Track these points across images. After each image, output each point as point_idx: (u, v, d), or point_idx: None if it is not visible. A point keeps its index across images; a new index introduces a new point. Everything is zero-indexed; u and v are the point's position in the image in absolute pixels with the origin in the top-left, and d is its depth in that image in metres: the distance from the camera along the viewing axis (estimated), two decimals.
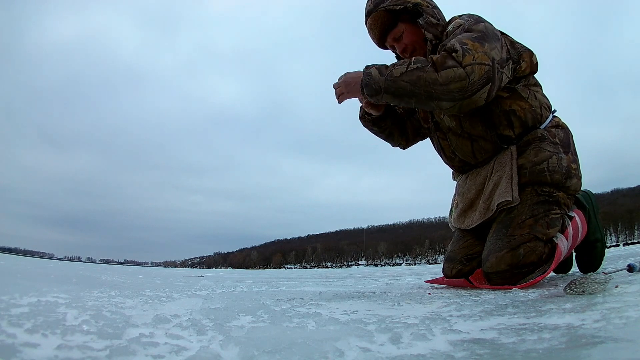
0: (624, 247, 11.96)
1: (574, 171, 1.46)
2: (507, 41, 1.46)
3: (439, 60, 1.28)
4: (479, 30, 1.34)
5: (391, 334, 0.60)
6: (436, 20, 1.49)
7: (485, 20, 1.42)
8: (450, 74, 1.26)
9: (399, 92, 1.32)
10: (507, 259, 1.37)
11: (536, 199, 1.41)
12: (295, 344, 0.54)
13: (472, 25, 1.37)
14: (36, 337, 0.56)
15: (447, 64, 1.27)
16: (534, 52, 1.50)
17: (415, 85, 1.30)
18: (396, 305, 1.04)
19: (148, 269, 11.24)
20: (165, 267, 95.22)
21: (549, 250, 1.38)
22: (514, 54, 1.45)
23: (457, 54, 1.27)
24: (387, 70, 1.34)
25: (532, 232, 1.38)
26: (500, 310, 0.84)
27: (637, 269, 1.27)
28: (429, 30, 1.48)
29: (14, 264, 3.75)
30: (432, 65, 1.28)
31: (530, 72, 1.49)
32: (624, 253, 3.57)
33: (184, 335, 0.63)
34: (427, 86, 1.29)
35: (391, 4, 1.47)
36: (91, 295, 1.20)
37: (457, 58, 1.27)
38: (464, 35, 1.33)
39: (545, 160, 1.42)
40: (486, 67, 1.27)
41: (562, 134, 1.48)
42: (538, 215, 1.39)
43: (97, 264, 43.34)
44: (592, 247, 1.62)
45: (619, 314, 0.64)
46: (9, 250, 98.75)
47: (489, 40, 1.32)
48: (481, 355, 0.49)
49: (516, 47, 1.47)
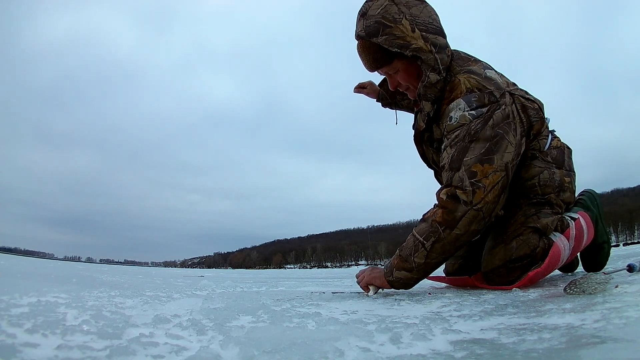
0: (624, 247, 11.96)
1: (567, 184, 1.46)
2: (520, 107, 1.35)
3: (448, 219, 1.26)
4: (486, 139, 1.26)
5: (391, 334, 0.60)
6: (437, 76, 1.34)
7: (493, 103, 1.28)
8: (467, 222, 1.25)
9: (435, 267, 1.33)
10: (500, 254, 1.37)
11: (528, 201, 1.42)
12: (295, 344, 0.54)
13: (479, 131, 1.26)
14: (36, 337, 0.56)
15: (458, 215, 1.25)
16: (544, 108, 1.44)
17: (445, 253, 1.30)
18: (396, 305, 1.04)
19: (148, 269, 11.23)
20: (165, 267, 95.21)
21: (545, 245, 1.37)
22: (526, 125, 1.37)
23: (465, 193, 1.25)
24: (409, 263, 1.30)
25: (523, 225, 1.38)
26: (500, 310, 0.84)
27: (637, 269, 1.27)
28: (427, 93, 1.37)
29: (14, 264, 3.75)
30: (445, 227, 1.26)
31: None
32: (624, 253, 3.57)
33: (184, 335, 0.63)
34: (453, 246, 1.29)
35: (386, 43, 1.29)
36: (91, 295, 1.20)
37: (467, 200, 1.25)
38: (471, 159, 1.26)
39: (536, 175, 1.42)
40: (501, 178, 1.27)
41: (555, 153, 1.48)
42: (529, 214, 1.40)
43: (97, 264, 43.36)
44: (600, 249, 1.63)
45: (619, 314, 0.64)
46: (9, 250, 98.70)
47: (499, 147, 1.26)
48: (481, 355, 0.49)
49: (528, 113, 1.38)
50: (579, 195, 1.76)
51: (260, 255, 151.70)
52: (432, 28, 1.33)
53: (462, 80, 1.33)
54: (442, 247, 1.28)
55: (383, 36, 1.28)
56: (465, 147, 1.28)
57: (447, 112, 1.33)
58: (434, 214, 1.29)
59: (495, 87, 1.32)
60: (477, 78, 1.33)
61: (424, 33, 1.30)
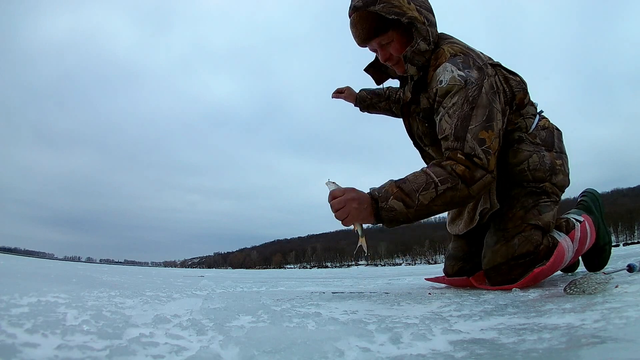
0: (624, 247, 11.96)
1: (559, 167, 1.43)
2: (502, 79, 1.39)
3: (467, 176, 1.22)
4: (485, 106, 1.27)
5: (391, 334, 0.60)
6: (426, 46, 1.37)
7: (482, 70, 1.31)
8: (481, 185, 1.24)
9: (430, 214, 1.26)
10: (502, 251, 1.35)
11: (524, 192, 1.41)
12: (295, 344, 0.54)
13: (477, 97, 1.27)
14: (36, 337, 0.56)
15: (477, 176, 1.23)
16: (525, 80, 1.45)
17: (448, 205, 1.26)
18: (396, 305, 1.05)
19: (148, 269, 11.24)
20: (165, 267, 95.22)
21: (549, 244, 1.36)
22: (509, 95, 1.40)
23: (481, 161, 1.23)
24: (411, 199, 1.22)
25: (524, 221, 1.36)
26: (500, 310, 0.84)
27: (637, 269, 1.28)
28: (414, 58, 1.38)
29: (14, 264, 3.75)
30: (462, 181, 1.22)
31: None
32: (624, 253, 3.56)
33: (184, 335, 0.64)
34: (460, 202, 1.26)
35: (384, 10, 1.32)
36: (91, 295, 1.20)
37: (484, 165, 1.24)
38: (476, 126, 1.25)
39: (525, 160, 1.40)
40: (498, 145, 1.27)
41: (544, 134, 1.46)
42: (527, 206, 1.38)
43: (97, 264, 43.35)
44: (602, 251, 1.64)
45: (619, 314, 0.64)
46: (9, 250, 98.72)
47: (494, 115, 1.28)
48: (481, 355, 0.49)
49: (510, 84, 1.41)
50: (581, 195, 1.75)
51: (260, 255, 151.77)
52: (425, 6, 1.39)
53: (446, 48, 1.38)
54: (452, 199, 1.23)
55: (380, 4, 1.32)
56: (467, 115, 1.26)
57: (435, 77, 1.35)
58: (454, 166, 1.23)
59: (477, 56, 1.36)
60: (460, 46, 1.39)
61: (419, 7, 1.36)
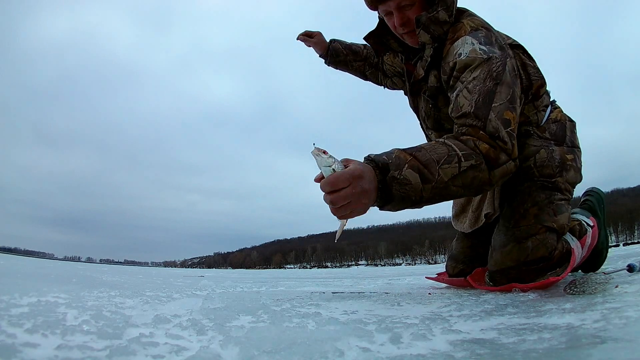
0: (624, 247, 11.97)
1: (570, 162, 1.34)
2: (520, 64, 1.30)
3: (492, 156, 1.05)
4: (509, 85, 1.13)
5: (391, 334, 0.60)
6: (446, 16, 1.25)
7: (504, 49, 1.19)
8: (503, 171, 1.08)
9: (443, 198, 1.04)
10: (513, 254, 1.24)
11: (534, 185, 1.30)
12: (295, 344, 0.54)
13: (501, 74, 1.13)
14: (36, 337, 0.56)
15: (501, 160, 1.07)
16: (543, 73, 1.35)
17: (466, 188, 1.04)
18: (396, 305, 1.04)
19: (148, 269, 11.23)
20: (165, 267, 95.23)
21: (563, 249, 1.26)
22: (525, 83, 1.31)
23: (505, 144, 1.07)
24: (430, 171, 0.98)
25: (538, 221, 1.25)
26: (500, 310, 0.84)
27: (637, 269, 1.27)
28: (430, 26, 1.24)
29: (14, 264, 3.75)
30: (486, 162, 1.04)
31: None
32: (624, 253, 3.56)
33: (184, 335, 0.63)
34: (478, 187, 1.06)
35: None
36: (91, 295, 1.20)
37: (508, 151, 1.08)
38: (500, 105, 1.10)
39: (532, 155, 1.31)
40: (516, 130, 1.14)
41: (555, 127, 1.37)
42: (541, 202, 1.27)
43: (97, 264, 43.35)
44: (599, 254, 1.59)
45: (619, 314, 0.64)
46: (9, 250, 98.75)
47: (516, 97, 1.15)
48: (481, 355, 0.49)
49: (528, 71, 1.33)
50: (585, 194, 1.70)
51: (260, 255, 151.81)
52: None
53: (466, 22, 1.26)
54: (472, 181, 1.03)
55: None
56: (490, 91, 1.11)
57: (452, 50, 1.21)
58: (476, 142, 1.05)
59: (498, 34, 1.25)
60: (481, 21, 1.27)
61: None
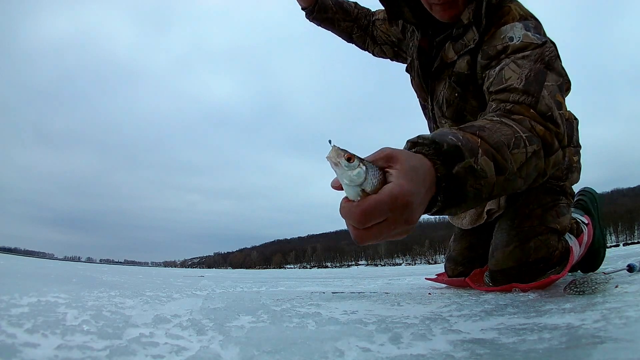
0: (624, 247, 11.97)
1: (576, 164, 1.33)
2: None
3: (548, 140, 0.88)
4: (560, 74, 1.01)
5: (391, 334, 0.60)
6: None
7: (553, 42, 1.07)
8: (555, 160, 0.91)
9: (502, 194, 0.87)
10: (515, 254, 1.23)
11: (542, 188, 1.26)
12: (295, 344, 0.54)
13: (554, 60, 1.01)
14: (36, 337, 0.56)
15: (555, 147, 0.90)
16: None
17: (526, 180, 0.85)
18: (396, 305, 1.04)
19: (148, 269, 11.23)
20: (165, 267, 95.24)
21: (562, 248, 1.26)
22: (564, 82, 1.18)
23: (558, 128, 0.91)
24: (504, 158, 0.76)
25: (542, 222, 1.23)
26: (500, 310, 0.84)
27: (637, 269, 1.27)
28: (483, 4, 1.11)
29: (14, 264, 3.75)
30: (544, 148, 0.87)
31: None
32: (624, 253, 3.56)
33: (184, 335, 0.63)
34: (535, 180, 0.88)
35: None
36: (91, 295, 1.20)
37: (560, 136, 0.91)
38: (553, 85, 0.96)
39: None
40: None
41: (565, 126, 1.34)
42: (546, 205, 1.26)
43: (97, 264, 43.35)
44: (596, 254, 1.58)
45: (619, 314, 0.64)
46: (9, 250, 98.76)
47: (564, 86, 1.04)
48: (481, 355, 0.49)
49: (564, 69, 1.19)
50: (579, 194, 1.70)
51: (260, 255, 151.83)
52: None
53: (514, 7, 1.12)
54: (533, 170, 0.84)
55: None
56: (542, 71, 0.98)
57: (499, 34, 1.08)
58: (532, 122, 0.88)
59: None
60: (527, 10, 1.14)
61: None
